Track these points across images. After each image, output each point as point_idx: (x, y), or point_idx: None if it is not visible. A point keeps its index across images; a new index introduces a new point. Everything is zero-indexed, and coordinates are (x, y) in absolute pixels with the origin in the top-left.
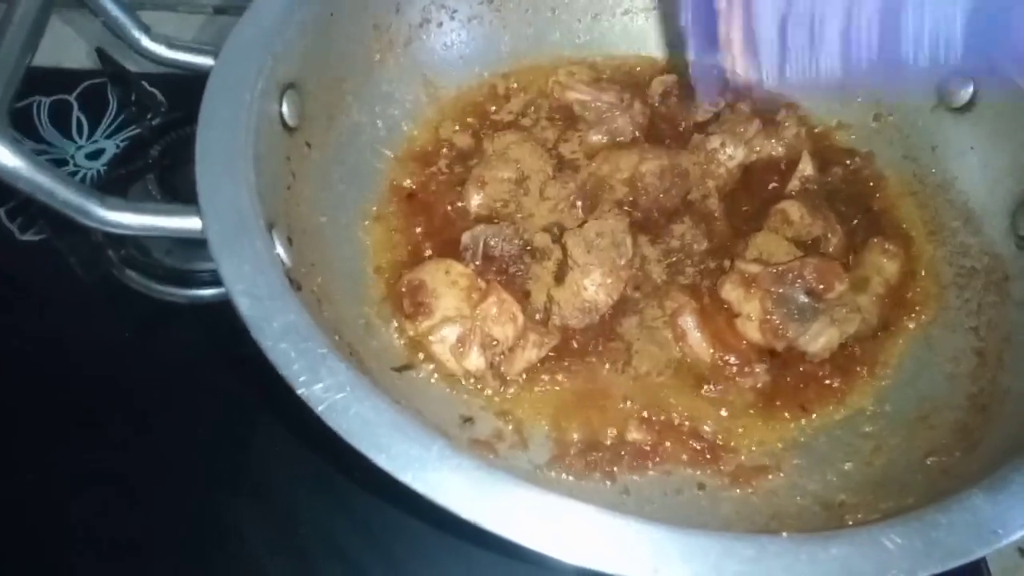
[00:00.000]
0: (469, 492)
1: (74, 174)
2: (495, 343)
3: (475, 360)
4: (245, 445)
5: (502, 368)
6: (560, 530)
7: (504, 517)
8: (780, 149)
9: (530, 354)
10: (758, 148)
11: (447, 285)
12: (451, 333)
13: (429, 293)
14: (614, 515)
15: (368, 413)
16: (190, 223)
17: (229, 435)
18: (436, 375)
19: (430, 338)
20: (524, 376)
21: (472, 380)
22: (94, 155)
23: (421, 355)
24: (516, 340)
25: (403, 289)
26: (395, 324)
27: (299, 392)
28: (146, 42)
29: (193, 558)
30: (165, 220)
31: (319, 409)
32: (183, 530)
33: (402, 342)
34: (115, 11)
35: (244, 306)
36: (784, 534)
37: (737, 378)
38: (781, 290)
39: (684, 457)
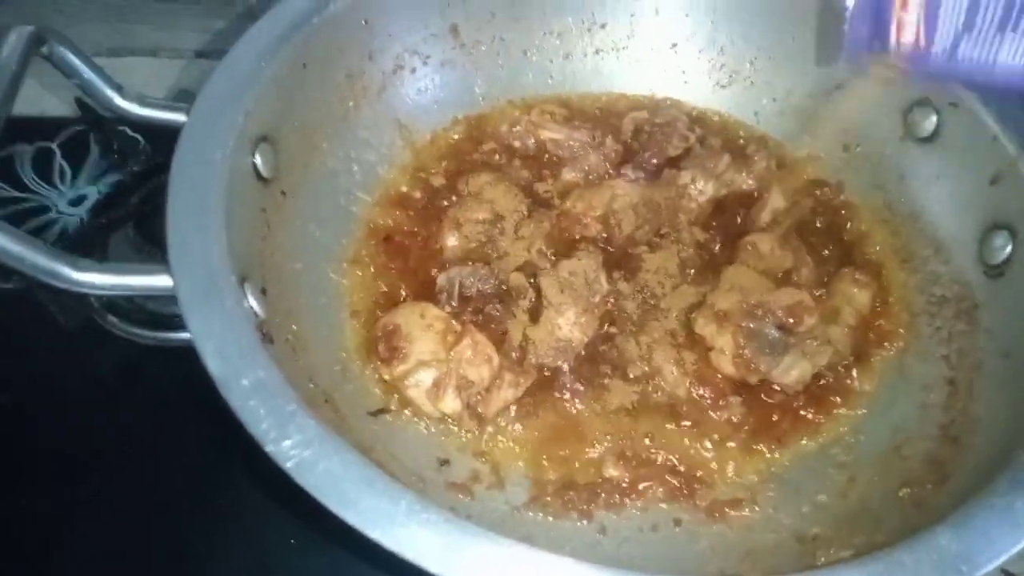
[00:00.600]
0: (439, 547)
1: (56, 221)
2: (471, 384)
3: (451, 403)
4: (229, 491)
5: (479, 409)
6: None
7: (474, 571)
8: (750, 182)
9: (506, 394)
10: (729, 182)
11: (422, 328)
12: (427, 377)
13: (403, 337)
14: (587, 566)
15: (336, 468)
16: (161, 281)
17: (212, 481)
18: (412, 418)
19: (406, 382)
20: (501, 416)
21: (449, 422)
22: (76, 201)
23: (397, 399)
24: (492, 381)
25: (378, 334)
26: (371, 368)
27: (267, 449)
28: (119, 100)
29: None
30: (136, 279)
31: (287, 466)
32: (164, 573)
33: (378, 387)
34: (88, 74)
35: (214, 366)
36: None
37: (712, 411)
38: (752, 324)
39: (660, 492)
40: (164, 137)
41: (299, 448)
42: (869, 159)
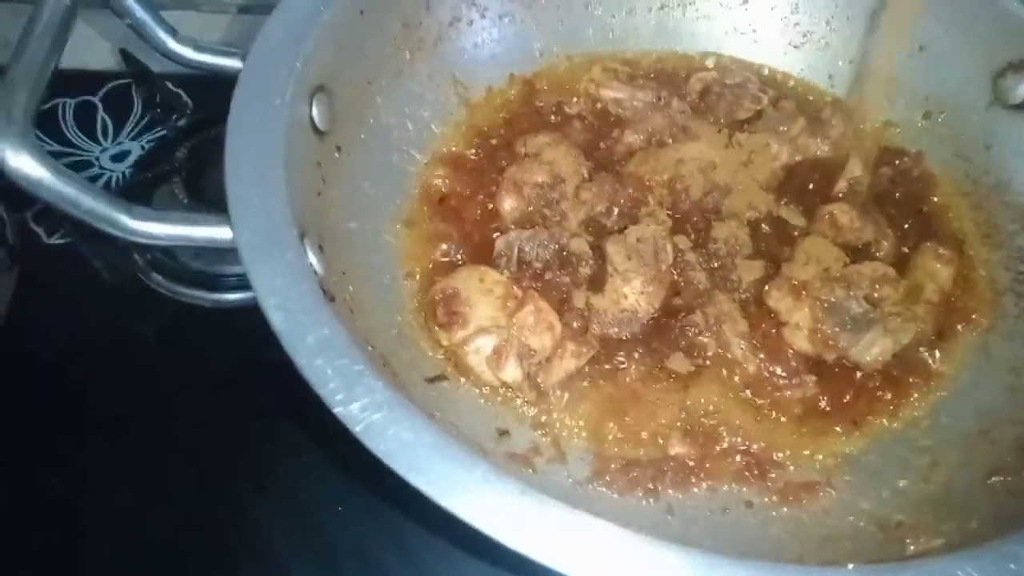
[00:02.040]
0: (513, 518)
1: (99, 176)
2: (532, 353)
3: (512, 371)
4: (272, 450)
5: (539, 379)
6: (608, 559)
7: (549, 545)
8: (826, 148)
9: (568, 364)
10: (803, 147)
11: (482, 293)
12: (487, 343)
13: (463, 302)
14: (660, 543)
15: (406, 434)
16: (220, 233)
17: (256, 440)
18: (470, 386)
19: (465, 348)
20: (562, 387)
21: (508, 391)
22: (119, 157)
23: (455, 366)
24: (553, 350)
25: (436, 298)
26: (428, 334)
27: (336, 411)
28: (172, 44)
29: (219, 562)
30: (194, 230)
31: (356, 430)
32: (209, 533)
33: (436, 353)
34: (140, 13)
35: (278, 321)
36: (850, 566)
37: (785, 390)
38: (833, 298)
39: (730, 473)
40: (207, 92)
41: (368, 411)
42: (952, 127)
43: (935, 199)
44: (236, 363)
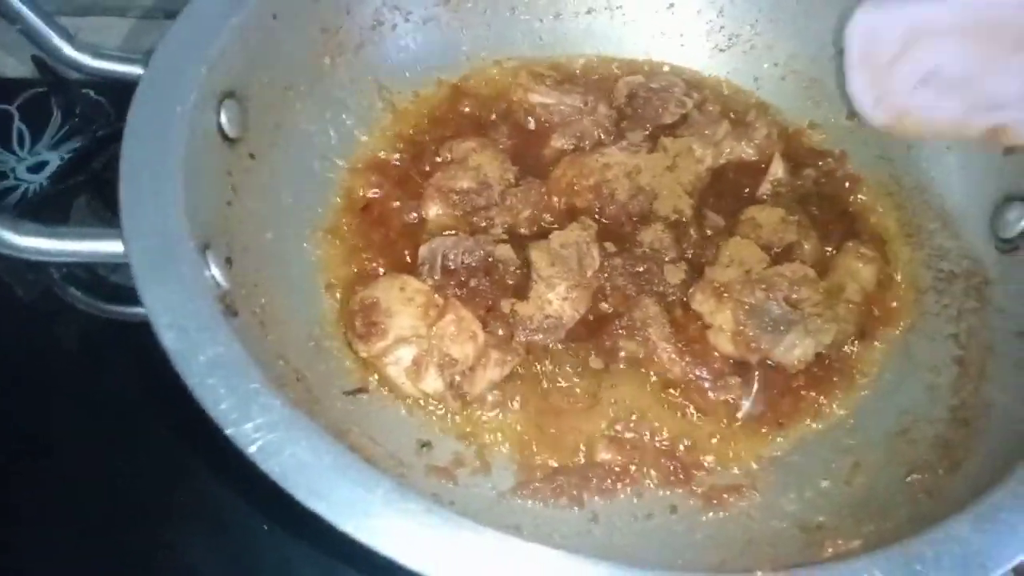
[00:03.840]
0: (419, 540)
1: (15, 188)
2: (454, 363)
3: (432, 382)
4: (194, 469)
5: (463, 388)
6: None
7: (456, 566)
8: (750, 151)
9: (492, 373)
10: (728, 150)
11: (402, 303)
12: (406, 354)
13: (383, 312)
14: (579, 558)
15: (305, 453)
16: (112, 247)
17: (178, 459)
18: (391, 398)
19: (384, 360)
20: (486, 396)
21: (430, 402)
22: (37, 167)
23: (375, 377)
24: (477, 359)
25: (355, 308)
26: (347, 346)
27: (228, 432)
28: (69, 51)
29: None
30: (84, 245)
31: (250, 450)
32: (127, 557)
33: (355, 365)
34: (33, 19)
35: (168, 340)
36: (758, 574)
37: (709, 392)
38: (753, 300)
39: (655, 477)
40: (129, 100)
41: (263, 431)
42: (875, 129)
43: (860, 198)
44: (156, 379)
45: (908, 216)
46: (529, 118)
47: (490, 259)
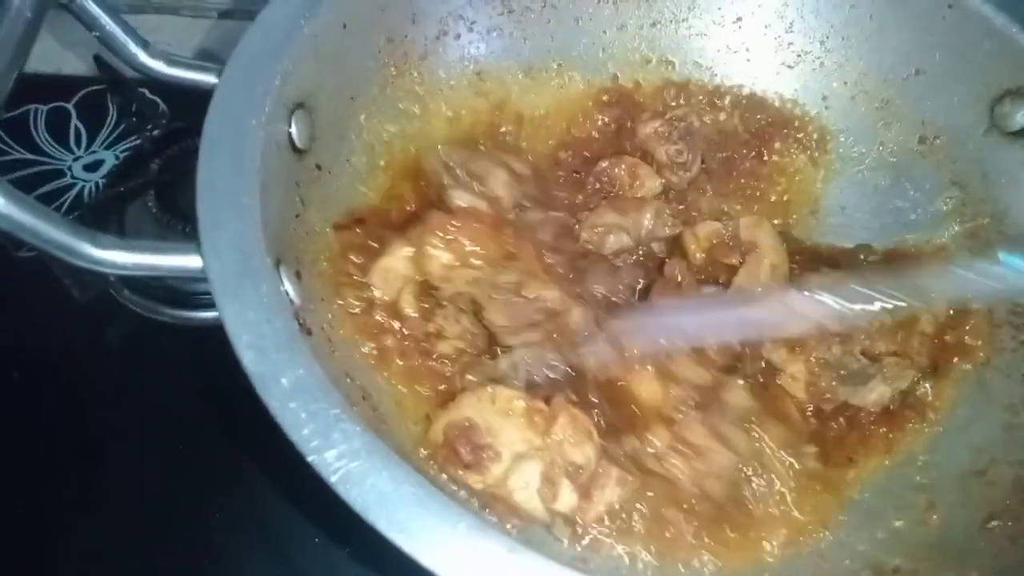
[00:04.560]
0: None
1: (71, 187)
2: (579, 471)
3: (567, 498)
4: (244, 475)
5: (576, 516)
6: None
7: None
8: None
9: (611, 494)
10: None
11: (502, 416)
12: (533, 472)
13: (485, 432)
14: None
15: (386, 484)
16: (190, 262)
17: (228, 464)
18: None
19: (508, 486)
20: (601, 524)
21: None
22: (92, 166)
23: (492, 507)
24: (597, 463)
25: (450, 436)
26: (451, 476)
27: (310, 459)
28: (144, 58)
29: None
30: (163, 259)
31: (332, 480)
32: (177, 561)
33: (466, 495)
34: (110, 26)
35: (249, 360)
36: None
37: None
38: (829, 356)
39: None
40: (184, 100)
41: (345, 459)
42: (948, 153)
43: None
44: (209, 383)
45: (982, 247)
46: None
47: (573, 372)
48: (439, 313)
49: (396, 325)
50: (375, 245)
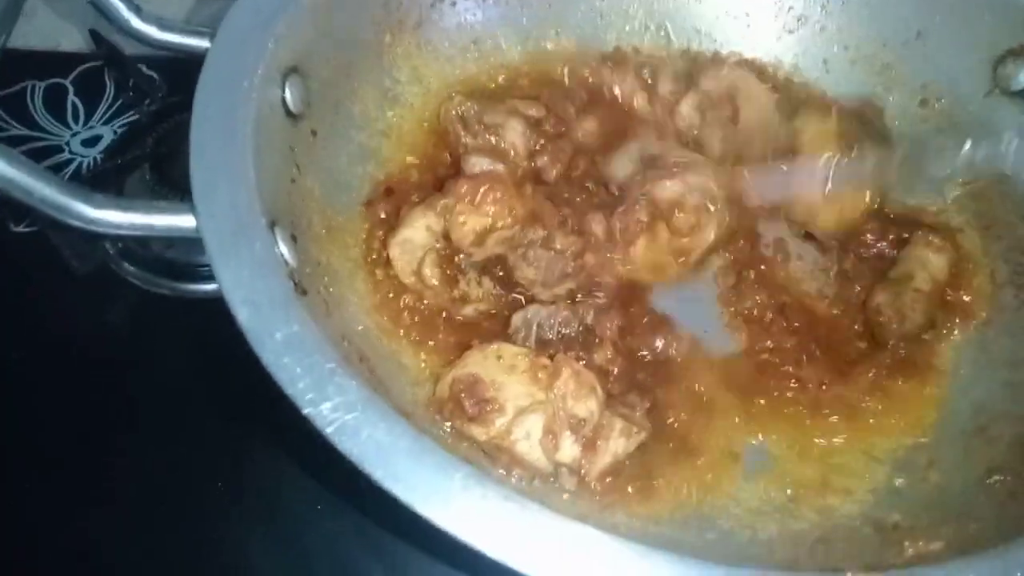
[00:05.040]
0: (496, 527)
1: (70, 162)
2: (582, 423)
3: (569, 449)
4: (246, 446)
5: (581, 467)
6: (594, 567)
7: (535, 556)
8: None
9: (616, 446)
10: None
11: (506, 372)
12: (535, 424)
13: (489, 386)
14: (650, 550)
15: (382, 436)
16: (184, 221)
17: (230, 435)
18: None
19: (511, 437)
20: (606, 476)
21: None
22: (90, 141)
23: (496, 458)
24: (600, 415)
25: (455, 391)
26: (451, 427)
27: (305, 412)
28: (136, 23)
29: (190, 564)
30: (157, 219)
31: (328, 431)
32: (179, 534)
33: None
34: None
35: (244, 316)
36: (848, 574)
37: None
38: None
39: None
40: (181, 75)
41: (340, 411)
42: (950, 116)
43: None
44: (209, 355)
45: (985, 207)
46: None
47: (587, 330)
48: (461, 279)
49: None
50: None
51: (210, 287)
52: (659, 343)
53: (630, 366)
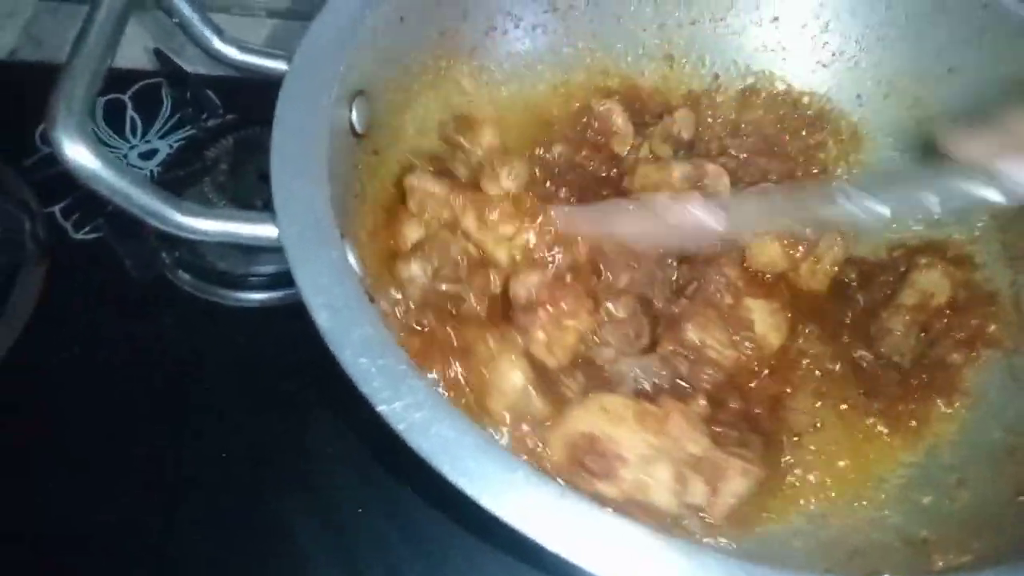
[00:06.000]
0: (555, 521)
1: None
2: (698, 461)
3: (698, 490)
4: (297, 453)
5: (705, 514)
6: (643, 565)
7: (592, 550)
8: None
9: (736, 486)
10: None
11: (615, 424)
12: (663, 473)
13: (607, 441)
14: (701, 551)
15: (449, 432)
16: (266, 231)
17: (281, 442)
18: None
19: (643, 487)
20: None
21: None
22: (147, 155)
23: (632, 514)
24: (715, 459)
25: (574, 452)
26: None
27: (379, 409)
28: (218, 44)
29: (243, 562)
30: (240, 227)
31: (400, 427)
32: (234, 533)
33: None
34: (188, 12)
35: (323, 319)
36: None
37: None
38: None
39: None
40: (236, 94)
41: (411, 410)
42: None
43: None
44: (260, 363)
45: (1013, 238)
46: None
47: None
48: (565, 389)
49: None
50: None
51: (261, 296)
52: None
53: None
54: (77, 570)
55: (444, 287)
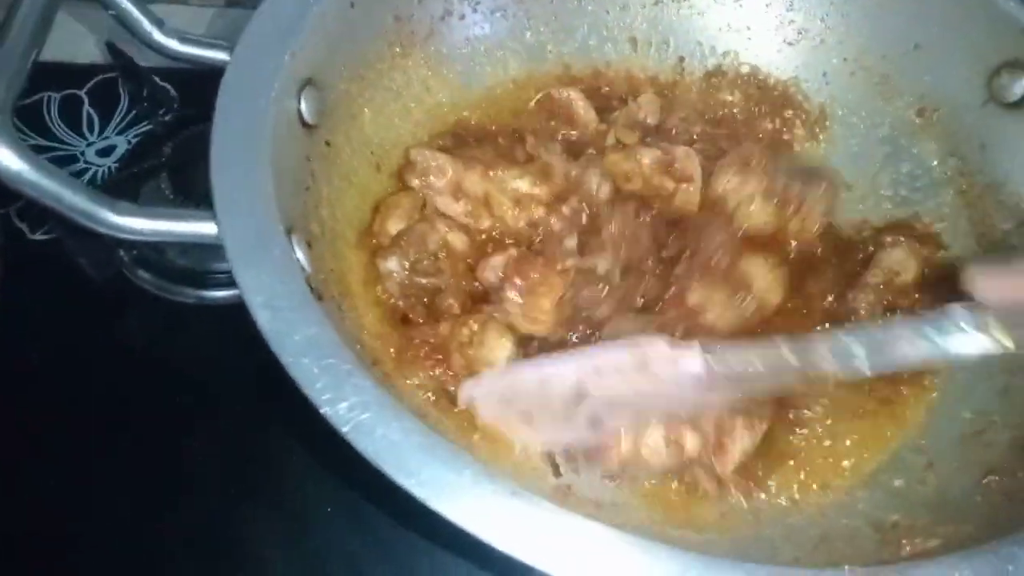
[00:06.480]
0: (505, 521)
1: (85, 171)
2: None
3: (694, 441)
4: (260, 454)
5: (716, 469)
6: (598, 561)
7: (538, 546)
8: None
9: (744, 442)
10: None
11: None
12: (656, 438)
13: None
14: (654, 545)
15: (395, 434)
16: (205, 228)
17: (244, 443)
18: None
19: (642, 454)
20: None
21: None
22: (105, 151)
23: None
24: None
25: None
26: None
27: (323, 411)
28: (158, 36)
29: (205, 567)
30: (178, 225)
31: (344, 430)
32: (194, 536)
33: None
34: (126, 4)
35: (264, 319)
36: (846, 568)
37: None
38: None
39: None
40: (195, 87)
41: (356, 411)
42: (946, 126)
43: None
44: (223, 361)
45: (980, 215)
46: None
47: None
48: None
49: None
50: None
51: (222, 293)
52: None
53: None
54: None
55: (424, 281)
